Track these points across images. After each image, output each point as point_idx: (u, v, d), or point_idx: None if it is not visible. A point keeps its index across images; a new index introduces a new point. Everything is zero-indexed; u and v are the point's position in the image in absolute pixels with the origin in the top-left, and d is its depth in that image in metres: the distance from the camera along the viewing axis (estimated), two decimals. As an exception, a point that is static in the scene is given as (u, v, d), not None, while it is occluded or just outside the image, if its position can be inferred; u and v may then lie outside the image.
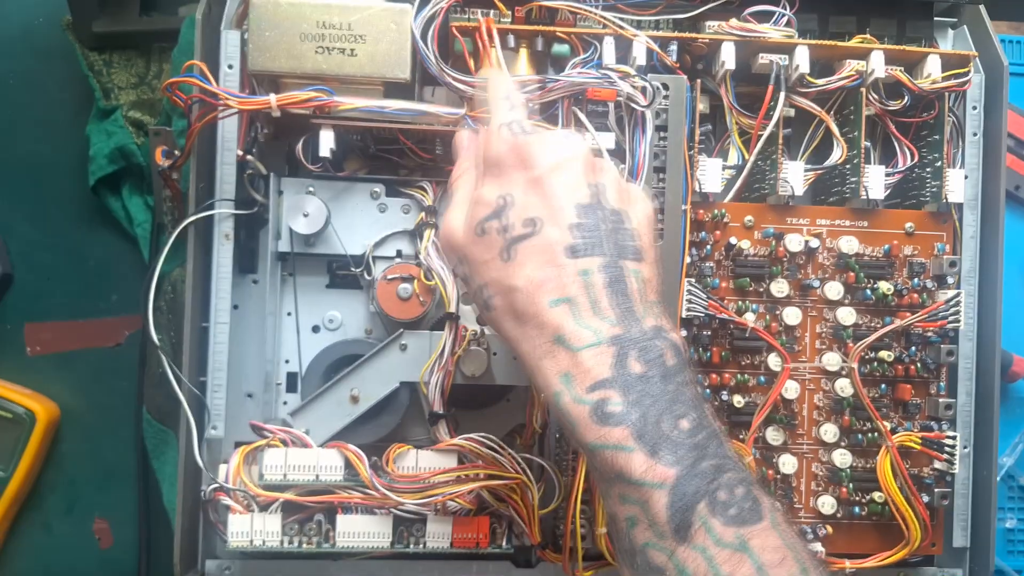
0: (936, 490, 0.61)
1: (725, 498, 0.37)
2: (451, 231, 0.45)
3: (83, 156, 0.69)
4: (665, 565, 0.37)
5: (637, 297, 0.41)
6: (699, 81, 0.60)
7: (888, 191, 0.62)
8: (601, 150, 0.56)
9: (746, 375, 0.60)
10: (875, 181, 0.61)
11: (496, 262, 0.42)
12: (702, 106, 0.61)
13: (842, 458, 0.60)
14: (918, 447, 0.60)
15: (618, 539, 0.40)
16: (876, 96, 0.61)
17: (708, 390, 0.60)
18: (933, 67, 0.61)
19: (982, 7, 0.63)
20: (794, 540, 0.38)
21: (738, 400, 0.60)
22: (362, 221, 0.60)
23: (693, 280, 0.58)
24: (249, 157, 0.59)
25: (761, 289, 0.61)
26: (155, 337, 0.58)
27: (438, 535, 0.57)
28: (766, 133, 0.60)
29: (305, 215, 0.59)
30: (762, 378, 0.60)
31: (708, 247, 0.60)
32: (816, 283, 0.61)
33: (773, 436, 0.60)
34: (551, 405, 0.41)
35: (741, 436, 0.60)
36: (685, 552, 0.37)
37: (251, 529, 0.55)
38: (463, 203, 0.45)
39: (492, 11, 0.57)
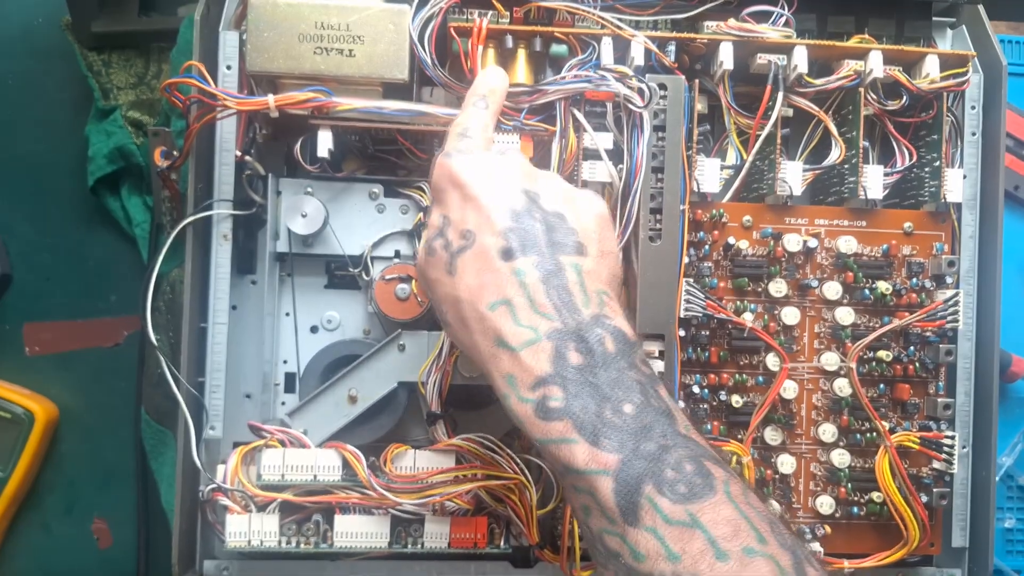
0: (935, 490, 0.61)
1: (672, 476, 0.38)
2: (418, 259, 0.48)
3: (82, 156, 0.69)
4: (620, 549, 0.38)
5: (576, 289, 0.42)
6: (697, 81, 0.60)
7: (886, 191, 0.62)
8: (598, 150, 0.56)
9: (744, 375, 0.60)
10: (873, 181, 0.61)
11: (444, 278, 0.44)
12: (700, 106, 0.61)
13: (840, 458, 0.60)
14: (917, 447, 0.60)
15: (582, 531, 0.42)
16: (874, 96, 0.61)
17: (707, 390, 0.60)
18: (931, 67, 0.61)
19: (981, 7, 0.63)
20: (751, 510, 0.38)
21: (736, 400, 0.60)
22: (360, 221, 0.60)
23: (691, 280, 0.58)
24: (247, 158, 0.59)
25: (759, 289, 0.61)
26: (153, 337, 0.58)
27: (436, 535, 0.57)
28: (764, 133, 0.60)
29: (303, 215, 0.59)
30: (760, 378, 0.60)
31: (706, 247, 0.60)
32: (814, 283, 0.61)
33: (771, 436, 0.60)
34: (503, 408, 0.42)
35: (739, 436, 0.60)
36: (636, 534, 0.37)
37: (249, 529, 0.55)
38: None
39: (491, 12, 0.57)
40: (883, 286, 0.60)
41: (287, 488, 0.56)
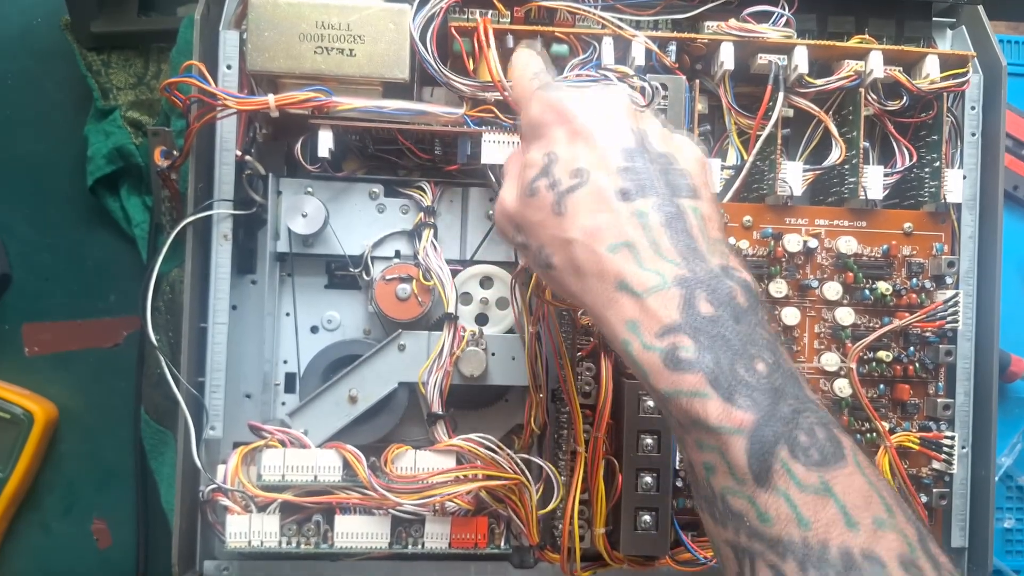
0: (934, 490, 0.61)
1: (806, 441, 0.36)
2: (503, 203, 0.45)
3: (81, 156, 0.69)
4: (746, 510, 0.37)
5: (699, 235, 0.40)
6: (698, 81, 0.60)
7: (886, 191, 0.62)
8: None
9: (745, 375, 0.60)
10: (874, 181, 0.61)
11: (550, 219, 0.41)
12: (701, 106, 0.61)
13: (841, 458, 0.60)
14: (916, 447, 0.60)
15: (696, 487, 0.40)
16: (875, 96, 0.61)
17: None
18: (931, 67, 0.61)
19: (980, 7, 0.63)
20: (877, 481, 0.37)
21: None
22: (360, 221, 0.60)
23: (692, 280, 0.58)
24: (248, 157, 0.59)
25: (759, 289, 0.60)
26: (153, 338, 0.58)
27: (436, 535, 0.57)
28: (765, 133, 0.60)
29: (304, 215, 0.59)
30: (761, 378, 0.60)
31: (707, 247, 0.60)
32: (815, 283, 0.61)
33: (772, 436, 0.60)
34: (621, 354, 0.40)
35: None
36: (766, 497, 0.36)
37: (249, 530, 0.55)
38: (512, 178, 0.45)
39: (491, 11, 0.57)
40: (883, 286, 0.60)
41: (287, 488, 0.56)
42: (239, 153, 0.58)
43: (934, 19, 0.65)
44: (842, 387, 0.60)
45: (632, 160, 0.41)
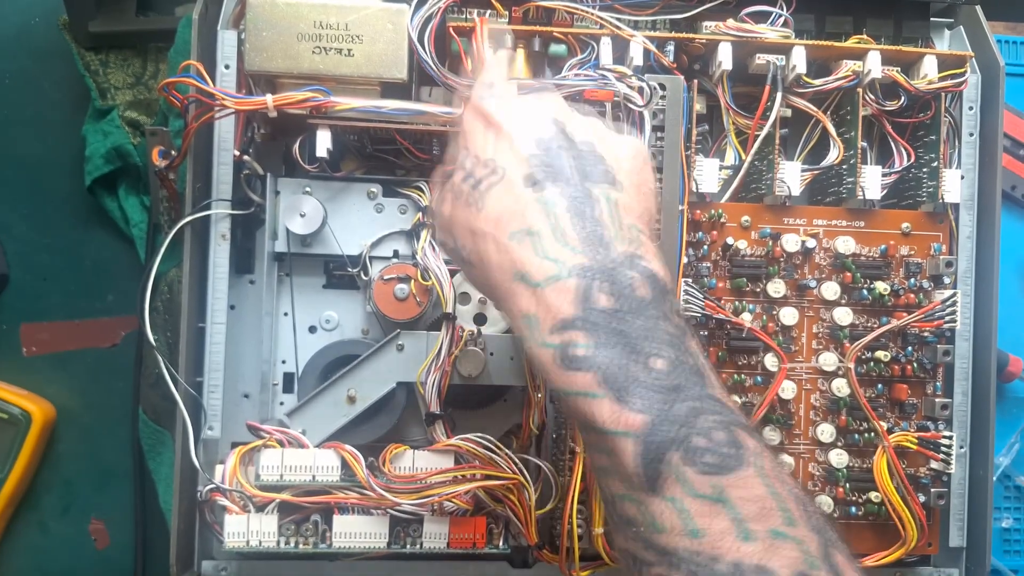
0: (932, 490, 0.61)
1: (702, 444, 0.34)
2: (437, 209, 0.44)
3: (79, 156, 0.69)
4: (637, 518, 0.35)
5: (608, 221, 0.38)
6: (696, 81, 0.60)
7: (884, 191, 0.62)
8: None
9: (743, 375, 0.60)
10: (871, 181, 0.61)
11: (466, 212, 0.41)
12: (699, 106, 0.61)
13: (838, 458, 0.60)
14: (914, 447, 0.60)
15: (599, 489, 0.38)
16: (872, 96, 0.61)
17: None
18: (929, 67, 0.61)
19: (978, 7, 0.63)
20: (782, 487, 0.35)
21: (735, 400, 0.60)
22: (359, 221, 0.60)
23: (690, 280, 0.58)
24: (246, 157, 0.59)
25: (758, 289, 0.61)
26: (151, 337, 0.58)
27: (435, 535, 0.57)
28: (763, 133, 0.60)
29: (302, 215, 0.59)
30: (759, 378, 0.61)
31: (705, 247, 0.60)
32: (813, 283, 0.61)
33: (770, 436, 0.61)
34: (523, 351, 0.39)
35: (738, 436, 0.60)
36: (657, 504, 0.34)
37: (247, 530, 0.55)
38: (436, 185, 0.45)
39: (489, 11, 0.57)
40: (881, 286, 0.60)
41: (286, 488, 0.56)
42: (237, 153, 0.58)
43: (932, 19, 0.65)
44: (840, 387, 0.60)
45: (544, 148, 0.40)
